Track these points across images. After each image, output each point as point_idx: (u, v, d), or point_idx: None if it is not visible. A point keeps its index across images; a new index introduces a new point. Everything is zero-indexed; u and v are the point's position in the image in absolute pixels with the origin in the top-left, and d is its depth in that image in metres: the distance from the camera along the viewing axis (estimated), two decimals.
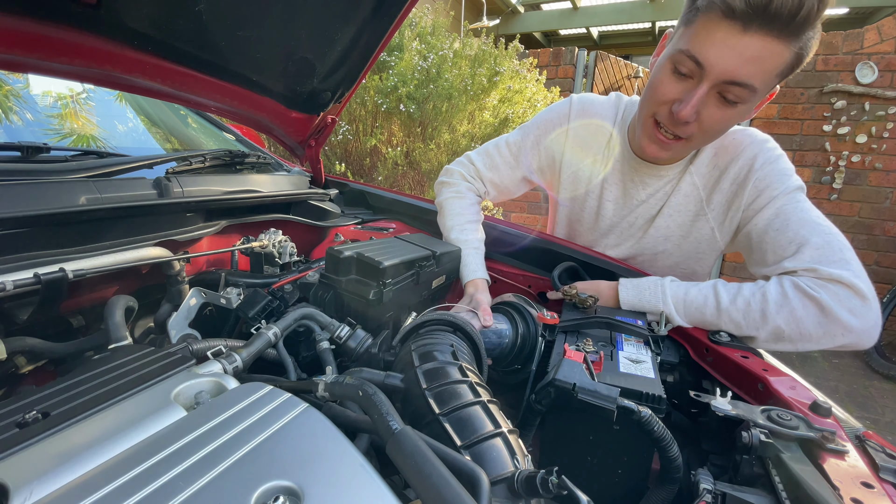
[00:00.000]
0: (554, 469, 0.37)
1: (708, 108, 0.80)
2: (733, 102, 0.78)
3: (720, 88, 0.77)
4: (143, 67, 0.82)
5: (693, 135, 0.85)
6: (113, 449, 0.36)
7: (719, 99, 0.79)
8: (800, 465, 0.48)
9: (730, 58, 0.74)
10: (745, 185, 0.92)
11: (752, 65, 0.73)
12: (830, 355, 3.59)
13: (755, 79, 0.75)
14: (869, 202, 3.73)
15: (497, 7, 7.31)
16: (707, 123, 0.82)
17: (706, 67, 0.76)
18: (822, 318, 0.74)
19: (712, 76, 0.76)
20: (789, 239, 0.82)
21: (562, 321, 0.82)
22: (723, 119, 0.82)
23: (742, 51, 0.72)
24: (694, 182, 0.99)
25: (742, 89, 0.76)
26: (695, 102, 0.79)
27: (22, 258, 0.67)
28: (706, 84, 0.77)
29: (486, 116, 3.32)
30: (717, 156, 0.97)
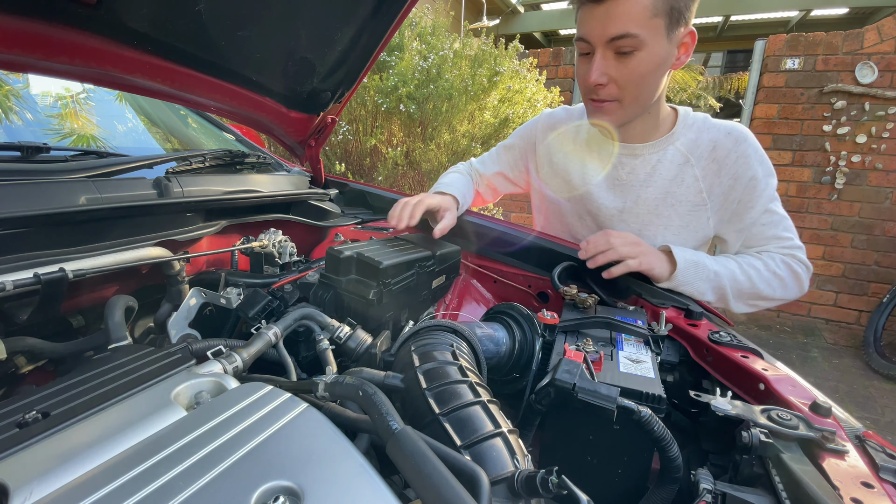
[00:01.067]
0: (554, 469, 0.37)
1: (612, 67, 0.93)
2: (630, 51, 0.91)
3: (611, 48, 0.91)
4: (143, 67, 0.82)
5: (618, 94, 0.97)
6: (113, 449, 0.36)
7: (617, 55, 0.92)
8: (800, 465, 0.48)
9: (600, 24, 0.90)
10: (740, 180, 1.05)
11: (619, 19, 0.88)
12: (830, 355, 3.59)
13: (629, 27, 0.88)
14: (869, 202, 3.73)
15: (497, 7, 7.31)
16: (620, 79, 0.95)
17: (591, 40, 0.92)
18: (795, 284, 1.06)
19: (598, 42, 0.92)
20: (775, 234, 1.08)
21: (562, 321, 0.82)
22: (629, 70, 0.93)
23: (605, 15, 0.88)
24: (695, 175, 1.07)
25: (626, 39, 0.89)
26: (596, 66, 0.93)
27: (22, 258, 0.67)
28: (598, 50, 0.92)
29: (487, 116, 3.32)
30: (716, 149, 1.05)
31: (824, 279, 3.97)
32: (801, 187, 3.90)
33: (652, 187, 1.10)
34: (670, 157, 1.08)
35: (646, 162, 1.10)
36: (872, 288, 3.84)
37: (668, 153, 1.08)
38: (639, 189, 1.11)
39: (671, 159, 1.08)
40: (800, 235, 1.12)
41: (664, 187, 1.09)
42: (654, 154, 1.09)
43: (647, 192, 1.10)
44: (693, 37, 0.95)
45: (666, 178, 1.09)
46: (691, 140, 1.07)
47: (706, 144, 1.06)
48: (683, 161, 1.07)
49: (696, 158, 1.06)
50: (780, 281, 1.04)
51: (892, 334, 3.60)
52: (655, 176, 1.09)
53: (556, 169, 1.23)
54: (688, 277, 0.98)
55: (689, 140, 1.07)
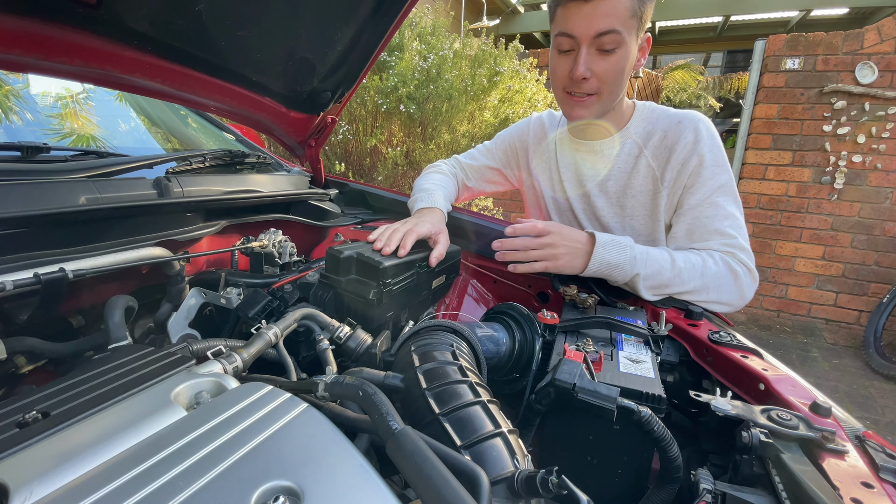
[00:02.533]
0: (554, 469, 0.37)
1: (596, 62, 0.97)
2: (612, 49, 0.95)
3: (596, 44, 0.95)
4: (143, 67, 0.82)
5: (598, 88, 1.01)
6: (113, 449, 0.36)
7: (599, 52, 0.96)
8: (800, 465, 0.48)
9: (588, 21, 0.93)
10: (687, 163, 1.05)
11: (606, 17, 0.92)
12: (830, 355, 3.59)
13: (614, 24, 0.92)
14: (869, 202, 3.73)
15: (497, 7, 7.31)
16: (602, 73, 0.98)
17: (577, 35, 0.95)
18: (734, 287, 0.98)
19: (584, 38, 0.95)
20: (718, 229, 1.02)
21: (562, 321, 0.82)
22: (611, 65, 0.98)
23: (592, 12, 0.92)
24: (649, 164, 1.10)
25: (610, 36, 0.93)
26: (582, 61, 0.97)
27: (22, 258, 0.67)
28: (584, 46, 0.96)
29: (487, 116, 3.32)
30: (667, 137, 1.08)
31: (824, 279, 3.97)
32: (801, 187, 3.89)
33: (612, 180, 1.14)
34: (627, 150, 1.12)
35: (604, 157, 1.15)
36: (872, 288, 3.84)
37: (626, 147, 1.12)
38: (602, 183, 1.16)
39: (628, 152, 1.12)
40: (800, 235, 1.11)
41: (623, 180, 1.13)
42: (612, 149, 1.14)
43: (608, 185, 1.15)
44: (649, 42, 1.03)
45: (624, 170, 1.13)
46: (645, 131, 1.11)
47: (658, 133, 1.09)
48: (638, 152, 1.11)
49: (649, 148, 1.10)
50: (714, 278, 0.96)
51: (892, 334, 3.60)
52: (614, 169, 1.14)
53: (542, 167, 1.28)
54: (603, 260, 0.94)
55: (643, 131, 1.11)
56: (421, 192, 1.22)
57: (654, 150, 1.09)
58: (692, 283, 0.95)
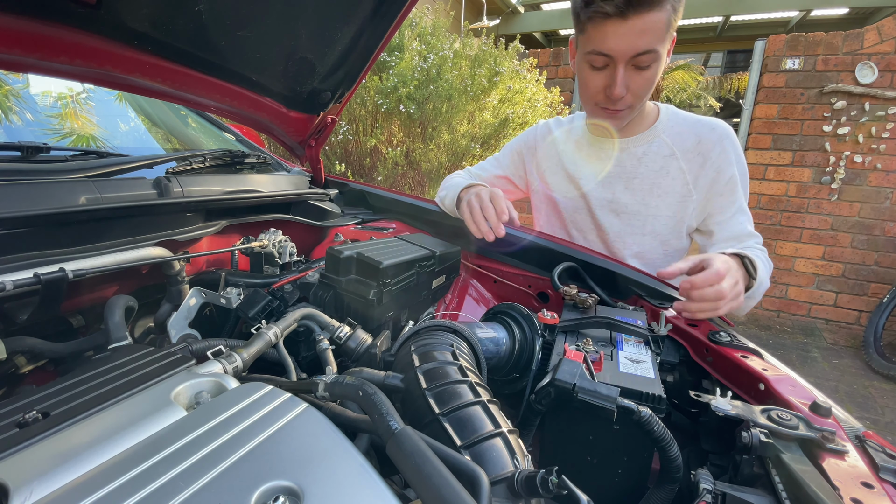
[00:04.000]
0: (554, 469, 0.37)
1: (632, 79, 0.97)
2: (647, 66, 0.95)
3: (633, 62, 0.94)
4: (143, 67, 0.82)
5: (632, 102, 1.02)
6: (113, 449, 0.36)
7: (635, 69, 0.96)
8: (800, 465, 0.48)
9: (625, 41, 0.90)
10: (723, 173, 1.08)
11: (645, 36, 0.90)
12: (830, 355, 3.59)
13: (653, 43, 0.91)
14: (869, 202, 3.73)
15: (497, 7, 7.31)
16: (636, 89, 0.99)
17: (613, 55, 0.93)
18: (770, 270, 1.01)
19: (621, 58, 0.93)
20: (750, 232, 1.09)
21: (562, 321, 0.82)
22: (646, 80, 0.98)
23: (630, 31, 0.89)
24: (681, 167, 1.12)
25: (648, 55, 0.92)
26: (620, 81, 0.96)
27: (22, 258, 0.67)
28: (620, 65, 0.94)
29: (486, 116, 3.32)
30: (701, 143, 1.10)
31: (824, 279, 3.97)
32: (801, 187, 3.89)
33: (639, 178, 1.15)
34: (655, 149, 1.13)
35: (632, 154, 1.15)
36: (872, 288, 3.84)
37: (654, 145, 1.13)
38: (627, 180, 1.16)
39: (657, 151, 1.13)
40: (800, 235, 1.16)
41: (651, 178, 1.14)
42: (639, 147, 1.15)
43: (635, 183, 1.15)
44: (674, 41, 1.01)
45: (652, 169, 1.13)
46: (677, 133, 1.12)
47: (691, 138, 1.11)
48: (669, 153, 1.12)
49: (682, 151, 1.11)
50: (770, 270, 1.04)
51: (892, 334, 3.60)
52: (641, 167, 1.14)
53: (553, 169, 1.28)
54: (761, 281, 0.92)
55: (675, 133, 1.12)
56: (452, 184, 1.22)
57: (686, 154, 1.11)
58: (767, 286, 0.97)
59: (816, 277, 3.99)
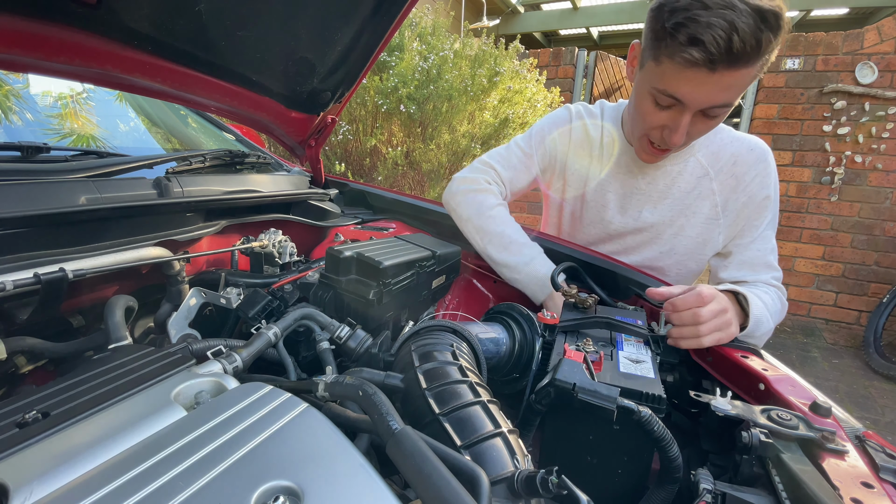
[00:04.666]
0: (554, 469, 0.37)
1: (694, 126, 0.89)
2: (716, 116, 0.87)
3: (703, 111, 0.85)
4: (143, 67, 0.82)
5: (685, 143, 0.96)
6: (113, 449, 0.36)
7: (703, 117, 0.87)
8: (800, 465, 0.48)
9: (705, 93, 0.81)
10: (755, 198, 1.02)
11: (727, 91, 0.80)
12: (830, 355, 3.59)
13: (732, 99, 0.83)
14: (869, 202, 3.73)
15: (497, 7, 7.31)
16: (695, 135, 0.92)
17: (685, 102, 0.84)
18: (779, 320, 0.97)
19: (692, 107, 0.84)
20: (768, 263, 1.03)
21: (562, 321, 0.82)
22: (708, 127, 0.91)
23: (714, 86, 0.79)
24: (713, 189, 1.05)
25: (723, 108, 0.85)
26: (683, 130, 0.87)
27: (22, 258, 0.67)
28: (688, 113, 0.85)
29: (486, 117, 3.32)
30: (737, 164, 1.03)
31: (824, 279, 3.97)
32: (801, 187, 3.89)
33: (669, 199, 1.07)
34: (690, 168, 1.06)
35: (666, 173, 1.07)
36: (872, 288, 3.84)
37: (689, 165, 1.06)
38: (656, 200, 1.09)
39: (691, 171, 1.06)
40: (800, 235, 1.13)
41: (682, 199, 1.07)
42: (674, 166, 1.06)
43: (665, 203, 1.08)
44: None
45: (684, 190, 1.06)
46: (713, 152, 1.05)
47: (727, 158, 1.03)
48: (703, 174, 1.05)
49: (716, 172, 1.04)
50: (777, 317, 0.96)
51: (892, 334, 3.60)
52: (674, 188, 1.07)
53: (578, 170, 1.16)
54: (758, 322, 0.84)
55: (711, 152, 1.05)
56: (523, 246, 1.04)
57: (720, 175, 1.04)
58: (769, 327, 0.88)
59: (816, 277, 3.99)
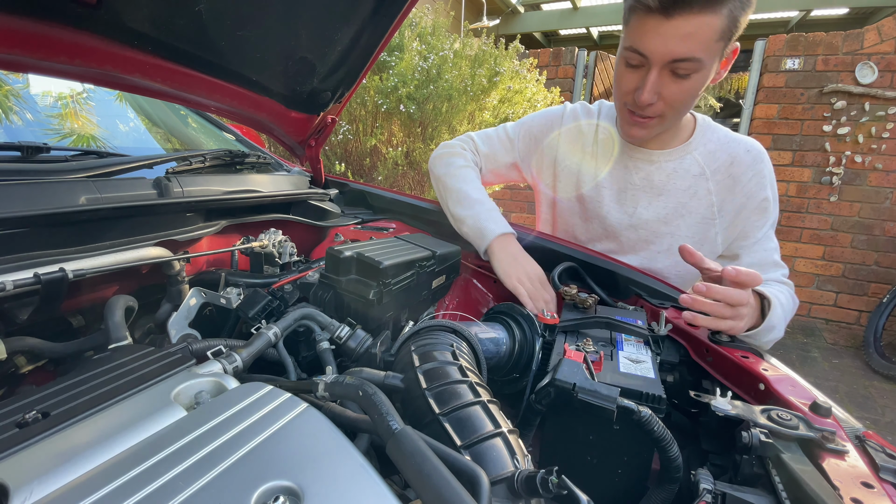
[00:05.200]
0: (554, 469, 0.37)
1: (666, 87, 0.88)
2: (686, 75, 0.86)
3: (670, 67, 0.85)
4: (143, 67, 0.82)
5: (663, 111, 0.93)
6: (113, 449, 0.36)
7: (672, 76, 0.87)
8: (800, 465, 0.48)
9: (665, 43, 0.82)
10: (753, 198, 1.02)
11: (687, 41, 0.81)
12: (830, 355, 3.59)
13: (695, 52, 0.82)
14: (869, 202, 3.73)
15: (497, 7, 7.31)
16: (670, 99, 0.90)
17: (649, 56, 0.85)
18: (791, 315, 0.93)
19: (657, 61, 0.85)
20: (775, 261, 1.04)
21: (562, 321, 0.82)
22: (682, 91, 0.89)
23: (673, 34, 0.80)
24: (709, 189, 1.04)
25: (689, 63, 0.83)
26: (650, 87, 0.88)
27: (22, 258, 0.67)
28: (655, 69, 0.86)
29: (487, 117, 3.32)
30: (734, 164, 1.03)
31: (824, 279, 3.97)
32: (801, 187, 3.90)
33: (664, 196, 1.07)
34: (686, 166, 1.05)
35: (661, 169, 1.07)
36: (872, 288, 3.84)
37: (685, 162, 1.06)
38: (651, 196, 1.08)
39: (687, 169, 1.05)
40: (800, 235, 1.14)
41: (677, 197, 1.06)
42: (670, 162, 1.06)
43: (660, 200, 1.08)
44: (735, 52, 0.91)
45: (680, 187, 1.06)
46: (710, 152, 1.05)
47: (724, 159, 1.03)
48: (699, 173, 1.05)
49: (712, 172, 1.04)
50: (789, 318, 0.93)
51: (892, 334, 3.60)
52: (670, 185, 1.07)
53: (569, 167, 1.17)
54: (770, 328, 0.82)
55: (708, 151, 1.05)
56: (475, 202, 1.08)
57: (717, 175, 1.03)
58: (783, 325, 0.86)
59: (816, 277, 3.99)
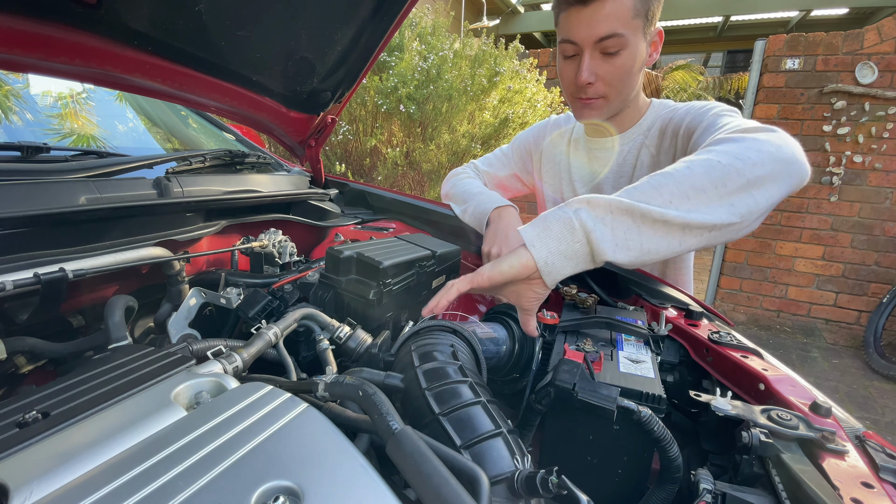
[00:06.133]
0: (554, 469, 0.37)
1: (600, 66, 0.96)
2: (616, 51, 0.94)
3: (599, 48, 0.94)
4: (143, 67, 0.82)
5: (605, 91, 1.00)
6: (113, 449, 0.36)
7: (603, 56, 0.95)
8: (800, 465, 0.48)
9: (588, 26, 0.91)
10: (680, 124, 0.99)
11: (607, 20, 0.90)
12: (830, 355, 3.59)
13: (616, 28, 0.90)
14: (869, 202, 3.73)
15: (497, 7, 7.31)
16: (607, 77, 0.97)
17: (578, 41, 0.94)
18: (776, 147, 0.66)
19: (586, 44, 0.93)
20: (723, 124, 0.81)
21: (562, 321, 0.82)
22: (615, 68, 0.96)
23: (592, 17, 0.90)
24: (650, 152, 1.08)
25: (613, 39, 0.91)
26: (585, 66, 0.95)
27: (22, 258, 0.67)
28: (586, 51, 0.94)
29: (486, 116, 3.32)
30: (664, 122, 1.07)
31: (824, 279, 3.97)
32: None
33: (624, 178, 1.13)
34: (635, 144, 1.11)
35: (618, 154, 1.13)
36: (872, 288, 3.84)
37: (636, 142, 1.11)
38: (614, 180, 1.14)
39: (631, 145, 1.11)
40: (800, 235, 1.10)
41: (629, 174, 1.12)
42: (626, 144, 1.12)
43: (621, 182, 1.12)
44: (661, 36, 1.01)
45: (633, 165, 1.11)
46: (650, 123, 1.09)
47: (658, 125, 1.07)
48: (641, 142, 1.09)
49: (650, 138, 1.08)
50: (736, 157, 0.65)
51: (892, 334, 3.60)
52: (625, 166, 1.12)
53: (554, 169, 1.27)
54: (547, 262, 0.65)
55: (648, 124, 1.10)
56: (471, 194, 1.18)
57: (653, 140, 1.07)
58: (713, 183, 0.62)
59: (816, 277, 3.99)
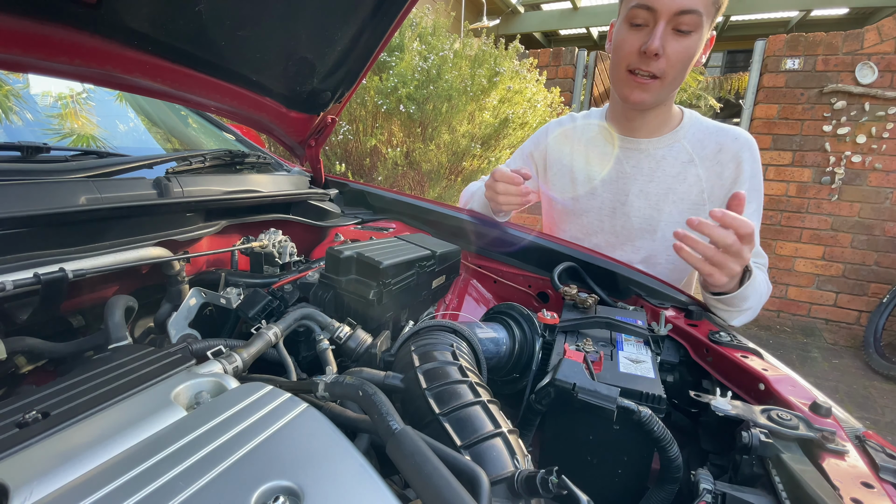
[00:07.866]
0: (554, 469, 0.37)
1: (669, 43, 0.95)
2: (687, 32, 0.93)
3: (674, 23, 0.92)
4: (143, 67, 0.82)
5: (664, 70, 0.98)
6: (113, 449, 0.36)
7: (675, 32, 0.94)
8: (800, 465, 0.48)
9: None
10: (739, 185, 1.05)
11: None
12: (830, 355, 3.59)
13: (697, 4, 0.90)
14: (869, 202, 3.73)
15: (497, 7, 7.31)
16: (673, 56, 0.96)
17: (657, 8, 0.92)
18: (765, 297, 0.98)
19: (665, 13, 0.91)
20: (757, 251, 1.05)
21: (562, 321, 0.82)
22: (683, 49, 0.95)
23: None
24: (699, 174, 1.08)
25: (691, 16, 0.91)
26: (660, 35, 0.93)
27: (22, 258, 0.67)
28: (662, 21, 0.92)
29: (486, 117, 3.32)
30: (722, 151, 1.06)
31: (824, 279, 3.97)
32: (801, 187, 3.89)
33: (655, 182, 1.11)
34: (675, 153, 1.10)
35: (650, 157, 1.12)
36: (872, 288, 3.84)
37: (674, 149, 1.10)
38: (642, 183, 1.13)
39: (675, 156, 1.10)
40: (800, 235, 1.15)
41: (667, 183, 1.10)
42: (659, 150, 1.11)
43: (650, 186, 1.12)
44: (712, 40, 1.02)
45: (669, 174, 1.10)
46: (698, 140, 1.09)
47: (712, 146, 1.07)
48: (688, 159, 1.09)
49: (701, 159, 1.08)
50: (764, 297, 0.99)
51: (892, 334, 3.60)
52: (659, 171, 1.11)
53: (562, 169, 1.25)
54: (744, 297, 0.87)
55: (696, 140, 1.09)
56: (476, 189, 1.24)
57: (706, 162, 1.08)
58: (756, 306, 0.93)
59: (816, 277, 3.99)
